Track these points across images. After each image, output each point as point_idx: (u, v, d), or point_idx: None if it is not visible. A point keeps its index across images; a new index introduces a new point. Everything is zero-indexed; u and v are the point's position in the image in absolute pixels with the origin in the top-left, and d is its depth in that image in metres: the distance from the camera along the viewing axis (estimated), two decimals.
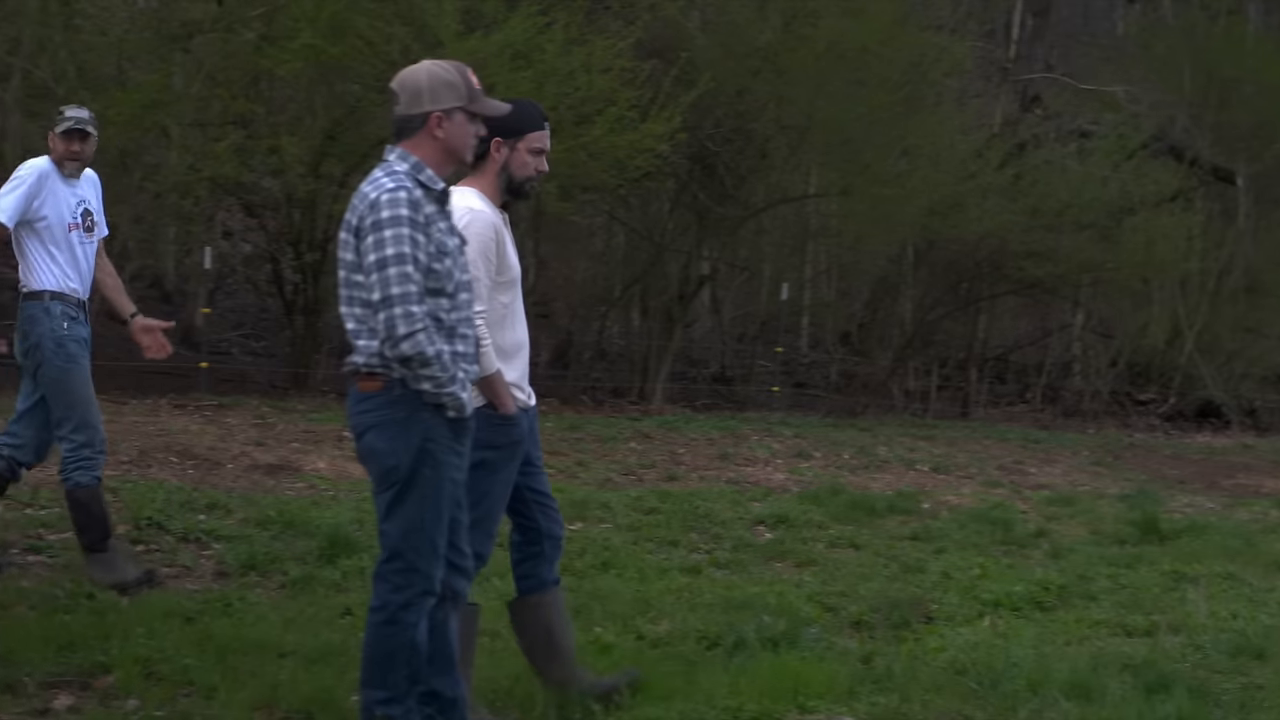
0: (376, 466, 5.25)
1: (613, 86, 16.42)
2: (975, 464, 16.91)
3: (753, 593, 8.76)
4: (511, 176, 6.06)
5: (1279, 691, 7.17)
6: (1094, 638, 8.36)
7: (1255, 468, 19.99)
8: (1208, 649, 8.05)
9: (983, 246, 22.19)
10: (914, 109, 20.54)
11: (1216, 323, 26.53)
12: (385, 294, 5.04)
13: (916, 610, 8.66)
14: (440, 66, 5.40)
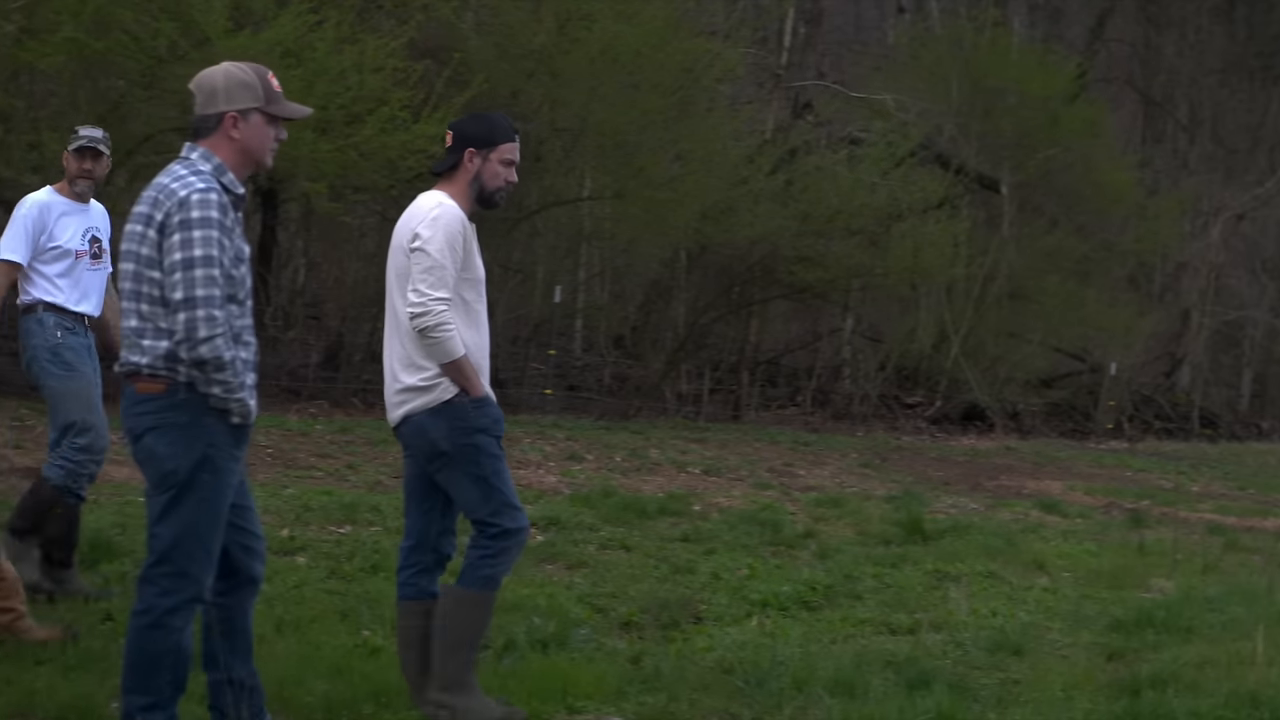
0: (155, 469, 5.14)
1: (385, 86, 16.26)
2: (746, 466, 17.06)
3: (523, 594, 8.71)
4: (483, 186, 6.19)
5: (1036, 686, 7.34)
6: (859, 636, 8.47)
7: (1017, 469, 20.47)
8: (968, 646, 8.21)
9: (754, 251, 22.42)
10: (687, 114, 20.67)
11: (981, 328, 27.15)
12: (189, 295, 4.98)
13: (686, 611, 8.70)
14: (238, 68, 5.32)
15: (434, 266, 5.97)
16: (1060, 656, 8.23)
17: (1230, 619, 9.21)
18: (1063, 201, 29.04)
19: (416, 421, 6.09)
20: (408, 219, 6.13)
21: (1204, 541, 13.76)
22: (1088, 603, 9.98)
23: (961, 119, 26.83)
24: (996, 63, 26.89)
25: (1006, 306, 28.00)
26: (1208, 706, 6.93)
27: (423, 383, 6.06)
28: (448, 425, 6.06)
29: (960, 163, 26.46)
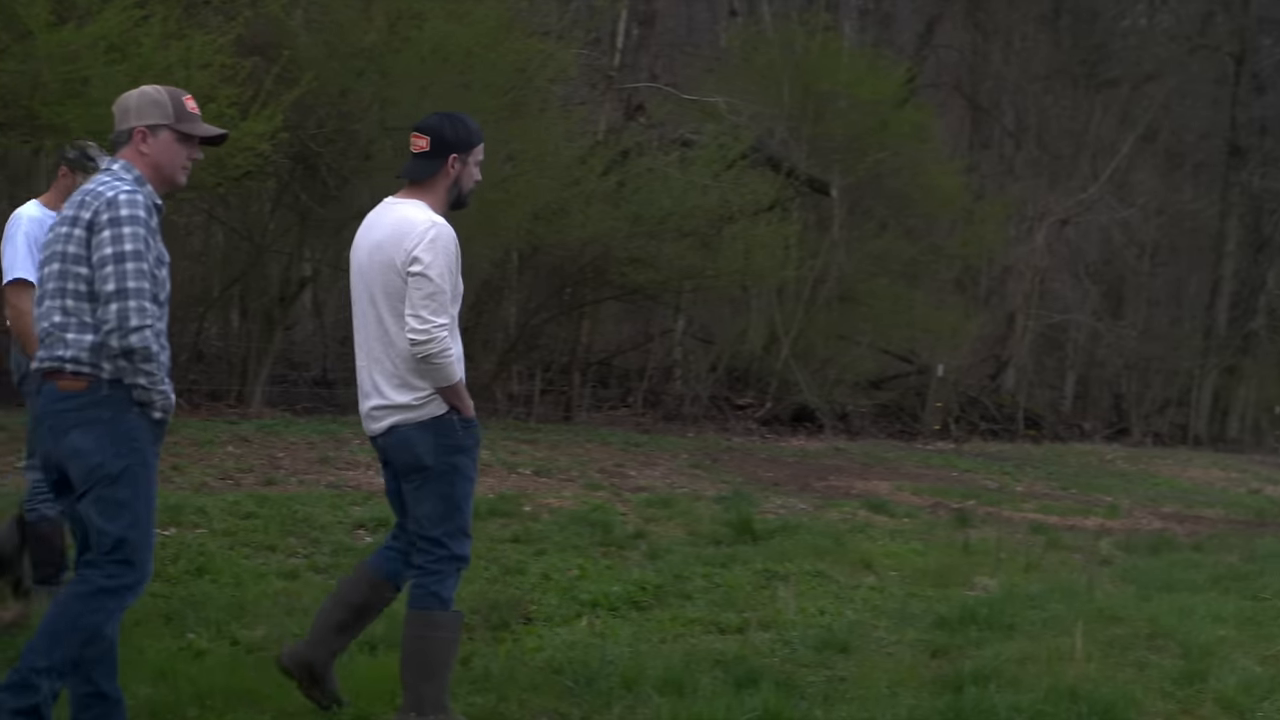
0: (81, 465, 5.30)
1: (212, 83, 15.95)
2: (577, 467, 17.05)
3: None
4: (461, 189, 6.34)
5: (861, 683, 7.42)
6: (688, 635, 8.50)
7: (846, 470, 20.69)
8: (795, 644, 8.29)
9: (586, 252, 22.42)
10: (519, 114, 20.57)
11: (811, 330, 27.41)
12: (121, 286, 5.21)
13: (516, 611, 8.67)
14: (153, 88, 5.63)
15: (436, 293, 6.02)
16: (886, 654, 8.33)
17: (1051, 616, 9.40)
18: (892, 205, 29.39)
19: (404, 433, 6.15)
20: (397, 235, 6.11)
21: (1027, 540, 14.00)
22: (913, 601, 10.11)
23: (792, 122, 27.05)
24: (827, 67, 27.14)
25: (836, 309, 28.30)
26: (1028, 701, 7.06)
27: (416, 401, 6.13)
28: (434, 441, 6.15)
29: (791, 165, 26.65)
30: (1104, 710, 7.07)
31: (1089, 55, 37.66)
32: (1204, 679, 7.95)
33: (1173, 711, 7.49)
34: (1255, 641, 9.18)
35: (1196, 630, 9.18)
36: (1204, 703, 7.60)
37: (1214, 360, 41.50)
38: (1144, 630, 9.20)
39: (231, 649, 7.39)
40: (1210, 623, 9.53)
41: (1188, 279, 44.67)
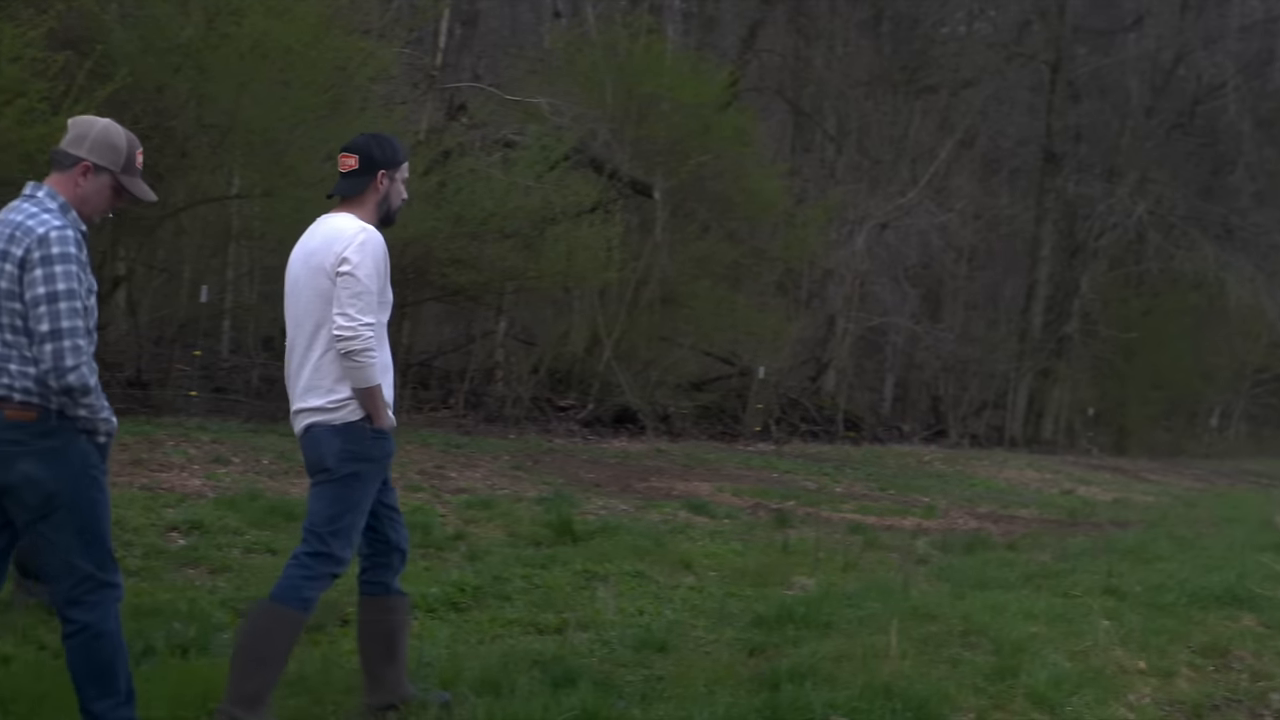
0: (35, 493, 5.49)
1: (23, 77, 15.62)
2: (396, 469, 16.74)
3: (164, 599, 8.51)
4: (390, 205, 6.59)
5: (679, 682, 7.43)
6: (506, 636, 8.48)
7: (667, 471, 20.75)
8: (614, 644, 8.29)
9: (407, 253, 22.20)
10: (339, 113, 20.35)
11: (633, 332, 27.44)
12: (55, 327, 5.36)
13: (332, 614, 8.55)
14: (116, 129, 5.74)
15: (363, 292, 6.22)
16: (704, 653, 8.36)
17: (867, 614, 9.49)
18: (714, 208, 29.50)
19: (316, 434, 6.35)
20: (328, 241, 6.33)
21: (845, 540, 14.15)
22: (732, 600, 10.17)
23: (615, 124, 27.06)
24: (650, 69, 27.18)
25: (658, 311, 28.36)
26: (844, 698, 7.13)
27: (330, 404, 6.32)
28: (342, 445, 6.33)
29: (614, 167, 26.69)
30: (918, 706, 7.17)
31: (909, 62, 38.17)
32: (1015, 675, 8.08)
33: (985, 707, 7.60)
34: (1065, 638, 9.34)
35: (1009, 627, 9.32)
36: (1015, 698, 7.72)
37: (1029, 363, 42.31)
38: (958, 627, 9.31)
39: (38, 654, 7.24)
40: (1022, 620, 9.69)
41: (1004, 283, 45.52)
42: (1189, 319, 46.93)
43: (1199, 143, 46.90)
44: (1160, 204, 43.19)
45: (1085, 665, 8.64)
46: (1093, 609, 10.44)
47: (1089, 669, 8.55)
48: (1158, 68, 43.92)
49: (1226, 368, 49.71)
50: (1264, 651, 9.98)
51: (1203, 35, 43.18)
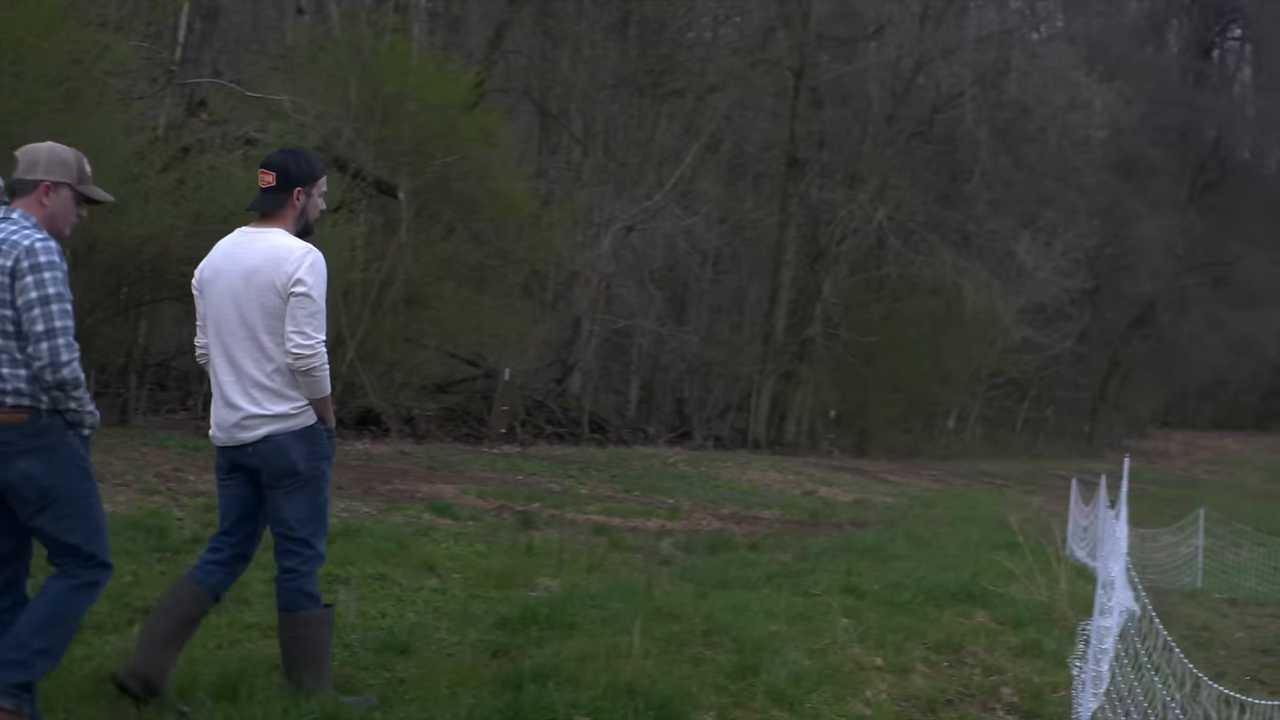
0: (34, 489, 6.02)
1: None
2: (133, 471, 16.50)
3: None
4: (307, 219, 6.94)
5: (422, 684, 7.38)
6: (245, 640, 8.33)
7: (411, 473, 20.59)
8: (356, 647, 8.20)
9: (144, 250, 21.68)
10: (74, 106, 19.76)
11: (377, 333, 27.15)
12: (49, 326, 5.95)
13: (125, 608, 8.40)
14: (60, 148, 6.33)
15: (318, 311, 6.72)
16: (447, 655, 8.30)
17: (611, 614, 9.50)
18: (460, 209, 29.35)
19: (279, 441, 6.75)
20: (275, 260, 6.70)
21: (590, 541, 14.17)
22: (476, 602, 10.11)
23: (360, 123, 26.74)
24: (395, 69, 26.93)
25: (403, 312, 28.11)
26: (587, 698, 7.12)
27: (291, 410, 6.77)
28: (307, 448, 6.81)
29: (358, 167, 26.37)
30: (660, 705, 7.20)
31: (655, 65, 38.42)
32: (756, 673, 8.17)
33: (726, 705, 7.66)
34: (805, 636, 9.47)
35: (750, 626, 9.42)
36: (756, 695, 7.80)
37: (772, 366, 42.90)
38: (700, 627, 9.38)
39: None
40: (763, 619, 9.80)
41: (748, 286, 46.12)
42: (927, 323, 48.05)
43: (937, 150, 48.08)
44: (900, 210, 44.16)
45: (824, 662, 8.76)
46: (832, 607, 10.60)
47: (828, 666, 8.68)
48: (898, 76, 44.91)
49: (963, 371, 50.99)
50: (996, 647, 10.24)
51: (941, 45, 44.25)
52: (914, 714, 8.34)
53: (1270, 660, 13.55)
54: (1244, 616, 17.08)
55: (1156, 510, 30.02)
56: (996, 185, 46.04)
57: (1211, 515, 23.50)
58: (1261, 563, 23.67)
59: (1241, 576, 22.13)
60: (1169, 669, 7.52)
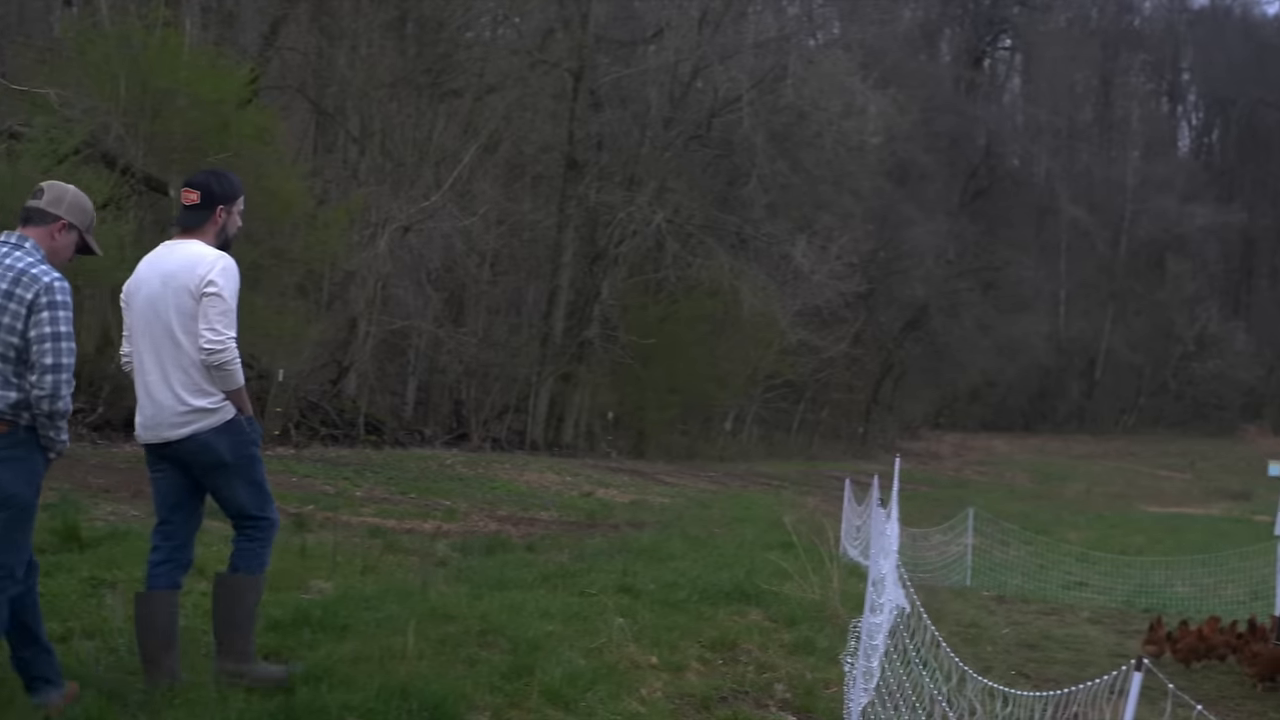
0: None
1: None
2: None
3: None
4: (227, 234, 7.52)
5: (190, 688, 7.22)
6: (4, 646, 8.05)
7: None
8: (122, 652, 8.06)
9: None
10: None
11: None
12: (57, 361, 6.44)
13: None
14: (84, 196, 6.91)
15: (228, 310, 7.22)
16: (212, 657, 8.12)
17: (385, 616, 9.41)
18: None
19: (203, 439, 7.24)
20: (190, 264, 7.22)
21: (364, 544, 14.02)
22: None
23: (129, 119, 26.14)
24: (167, 64, 26.34)
25: None
26: (360, 700, 7.08)
27: (211, 405, 7.25)
28: (231, 440, 7.32)
29: (127, 163, 25.77)
30: (434, 706, 7.19)
31: (434, 64, 38.20)
32: (531, 672, 8.14)
33: (501, 705, 7.64)
34: (581, 635, 9.45)
35: (526, 626, 9.38)
36: (531, 695, 7.78)
37: (551, 368, 42.94)
38: (475, 627, 9.32)
39: None
40: (539, 619, 9.77)
41: (527, 288, 46.11)
42: (705, 326, 48.46)
43: (715, 154, 48.51)
44: (678, 213, 44.47)
45: (600, 661, 8.76)
46: (608, 607, 10.60)
47: (603, 665, 8.68)
48: (677, 80, 45.20)
49: (740, 373, 51.52)
50: (769, 645, 10.33)
51: (719, 50, 44.64)
52: (688, 711, 8.38)
53: (1035, 655, 13.89)
54: (1011, 613, 17.48)
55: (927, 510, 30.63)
56: (773, 189, 46.57)
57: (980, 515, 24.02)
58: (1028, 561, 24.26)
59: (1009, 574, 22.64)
60: (937, 664, 7.63)
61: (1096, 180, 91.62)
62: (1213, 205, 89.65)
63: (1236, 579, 23.40)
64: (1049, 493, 52.52)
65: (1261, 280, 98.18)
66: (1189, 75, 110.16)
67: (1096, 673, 5.85)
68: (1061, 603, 20.03)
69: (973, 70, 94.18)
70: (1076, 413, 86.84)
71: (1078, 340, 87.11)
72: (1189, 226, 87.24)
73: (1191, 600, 21.35)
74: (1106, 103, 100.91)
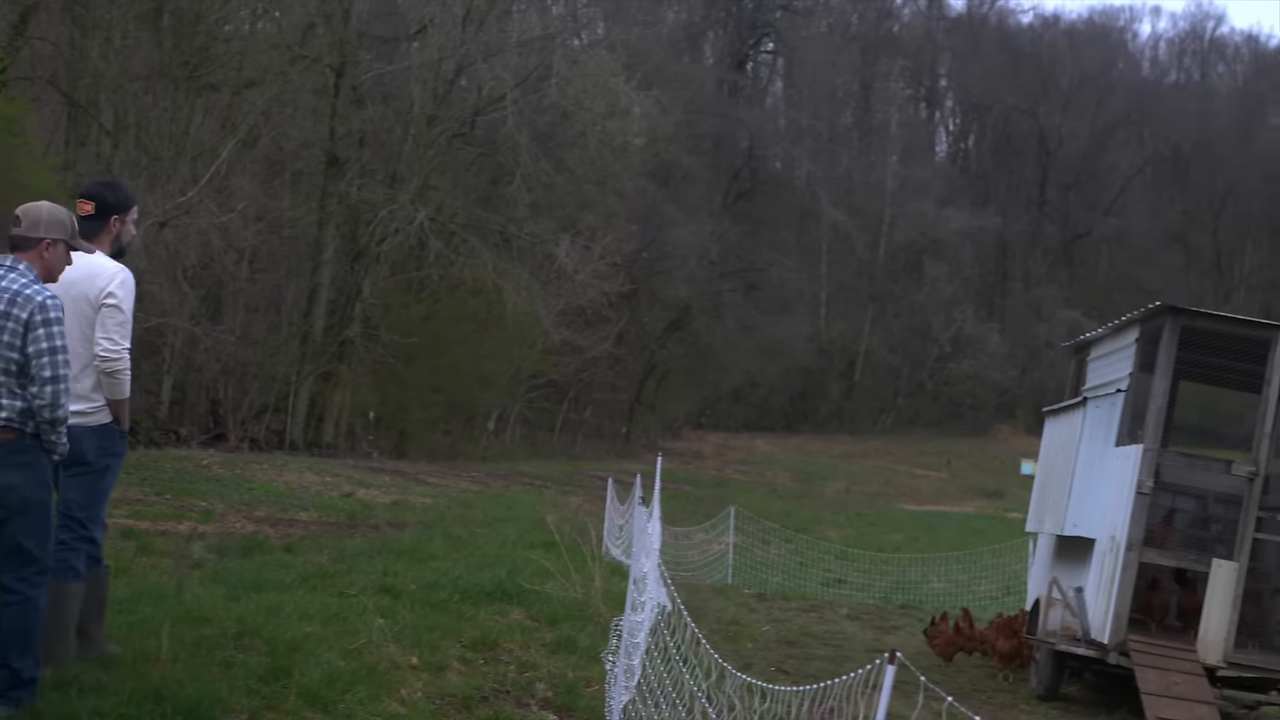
0: (15, 497, 6.95)
1: None
2: None
3: None
4: (121, 243, 8.04)
5: None
6: None
7: None
8: None
9: None
10: None
11: None
12: (55, 374, 6.94)
13: None
14: (59, 209, 7.30)
15: (125, 321, 7.76)
16: None
17: (138, 619, 9.23)
18: None
19: (76, 432, 7.40)
20: (90, 275, 7.66)
21: (116, 546, 13.63)
22: None
23: None
24: None
25: None
26: (111, 705, 7.02)
27: (90, 409, 7.74)
28: (99, 442, 7.79)
29: None
30: (189, 710, 7.14)
31: (191, 57, 37.43)
32: (289, 674, 8.06)
33: (257, 707, 7.56)
34: (340, 636, 9.36)
35: (283, 628, 9.26)
36: (288, 697, 7.70)
37: (311, 367, 42.44)
38: (232, 630, 9.17)
39: None
40: (297, 620, 9.65)
41: (286, 286, 45.47)
42: (468, 325, 48.35)
43: (479, 153, 48.40)
44: (441, 211, 44.27)
45: (360, 662, 8.69)
46: (368, 608, 10.50)
47: (363, 666, 8.61)
48: (440, 77, 44.97)
49: (503, 373, 51.49)
50: (531, 644, 10.32)
51: (483, 48, 44.52)
52: (449, 711, 8.33)
53: (794, 651, 14.09)
54: (771, 610, 17.72)
55: (690, 509, 30.93)
56: (537, 189, 46.56)
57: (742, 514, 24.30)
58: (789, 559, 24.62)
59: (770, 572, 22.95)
60: (697, 661, 7.67)
61: (856, 184, 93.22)
62: (968, 209, 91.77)
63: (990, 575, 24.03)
64: (809, 492, 53.39)
65: (1015, 283, 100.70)
66: (946, 82, 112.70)
67: (854, 668, 5.91)
68: (821, 599, 20.35)
69: (736, 73, 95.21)
70: (837, 412, 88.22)
71: (838, 341, 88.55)
72: (946, 230, 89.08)
73: (947, 596, 21.86)
74: (866, 107, 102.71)
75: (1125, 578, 12.68)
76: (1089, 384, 15.49)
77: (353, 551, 14.94)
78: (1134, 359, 13.64)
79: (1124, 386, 13.74)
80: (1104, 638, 12.71)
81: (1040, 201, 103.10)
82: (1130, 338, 13.87)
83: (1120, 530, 12.84)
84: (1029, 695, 13.58)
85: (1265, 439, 12.68)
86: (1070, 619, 13.52)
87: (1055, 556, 14.95)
